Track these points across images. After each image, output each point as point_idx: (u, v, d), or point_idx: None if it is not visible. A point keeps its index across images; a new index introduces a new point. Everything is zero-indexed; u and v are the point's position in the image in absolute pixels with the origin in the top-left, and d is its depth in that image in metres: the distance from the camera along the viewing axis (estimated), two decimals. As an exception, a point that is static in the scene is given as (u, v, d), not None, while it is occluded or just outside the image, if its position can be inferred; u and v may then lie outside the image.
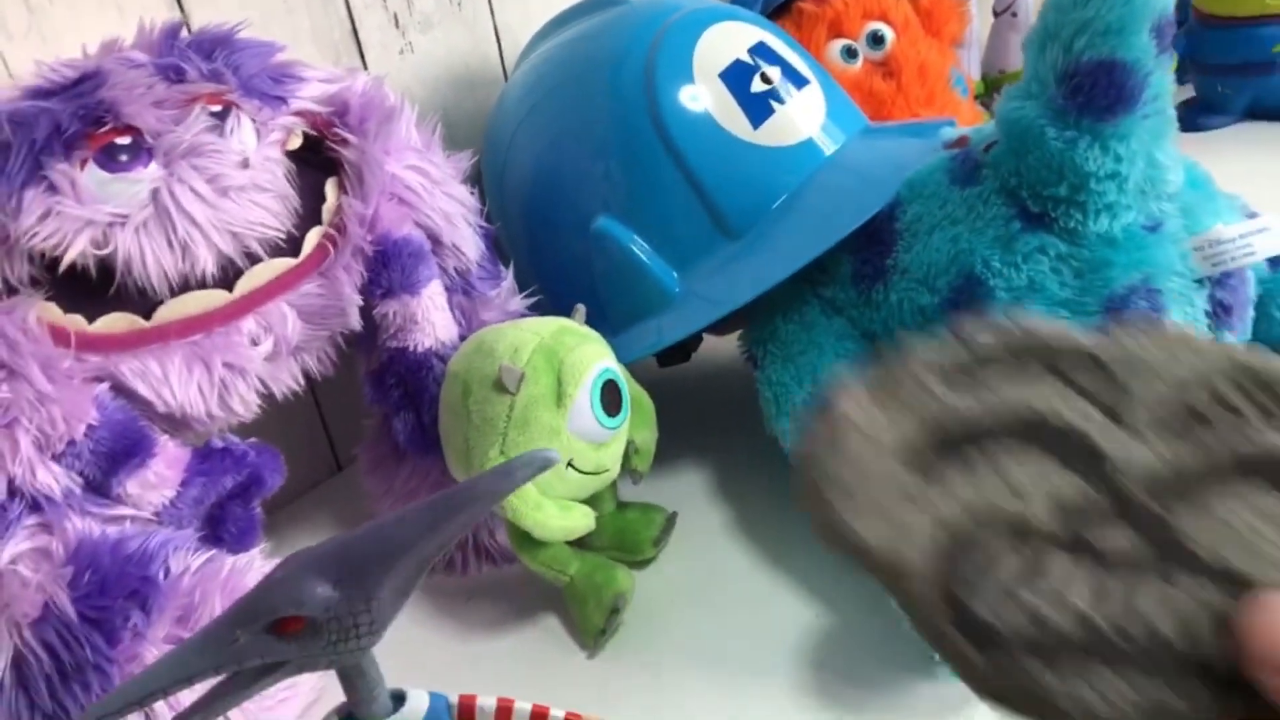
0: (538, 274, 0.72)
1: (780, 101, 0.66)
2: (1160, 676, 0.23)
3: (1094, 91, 0.49)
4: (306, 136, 0.58)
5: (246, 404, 0.56)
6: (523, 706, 0.41)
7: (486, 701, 0.41)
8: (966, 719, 0.48)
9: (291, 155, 0.57)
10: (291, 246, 0.56)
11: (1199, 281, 0.53)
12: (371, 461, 0.67)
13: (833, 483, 0.26)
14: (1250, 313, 0.56)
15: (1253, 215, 0.56)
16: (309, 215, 0.57)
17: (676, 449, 0.71)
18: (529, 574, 0.59)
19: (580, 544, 0.61)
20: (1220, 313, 0.54)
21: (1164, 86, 0.50)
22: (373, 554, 0.36)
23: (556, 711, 0.41)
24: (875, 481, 0.26)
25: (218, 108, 0.53)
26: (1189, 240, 0.53)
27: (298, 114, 0.57)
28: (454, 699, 0.41)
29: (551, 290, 0.71)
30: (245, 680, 0.37)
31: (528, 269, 0.73)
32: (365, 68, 0.74)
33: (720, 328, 0.72)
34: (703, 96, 0.65)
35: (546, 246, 0.71)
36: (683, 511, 0.65)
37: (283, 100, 0.56)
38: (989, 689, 0.24)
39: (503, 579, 0.64)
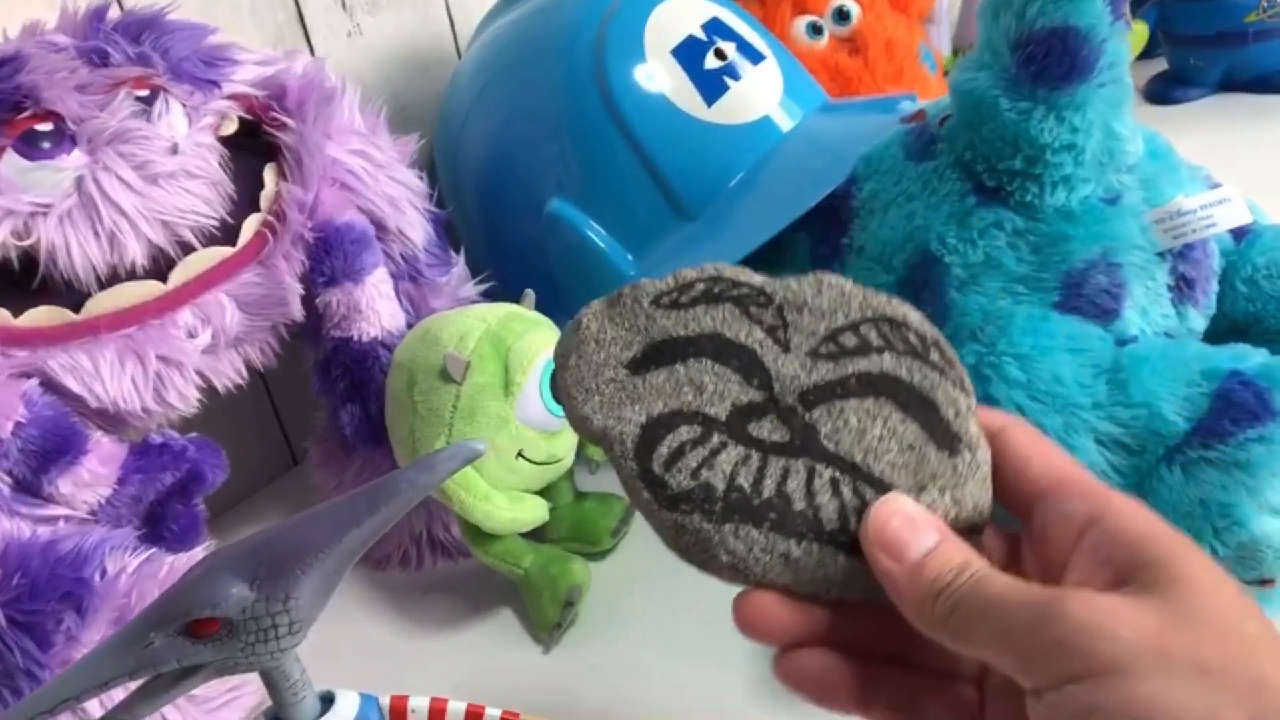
0: (493, 259, 0.71)
1: (735, 78, 0.64)
2: (800, 540, 0.31)
3: (1048, 60, 0.48)
4: (243, 121, 0.56)
5: (184, 398, 0.54)
6: (456, 706, 0.40)
7: (419, 702, 0.40)
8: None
9: (226, 141, 0.55)
10: (228, 235, 0.55)
11: (1160, 255, 0.52)
12: (322, 455, 0.66)
13: (573, 379, 0.35)
14: (1214, 286, 0.55)
15: (1216, 186, 0.55)
16: (246, 202, 0.56)
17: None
18: (484, 568, 0.57)
19: (537, 535, 0.60)
20: (1183, 286, 0.53)
21: (1120, 54, 0.49)
22: (291, 552, 0.35)
23: (493, 711, 0.40)
24: (603, 380, 0.34)
25: (145, 92, 0.51)
26: (1149, 213, 0.51)
27: (231, 98, 0.55)
28: (385, 700, 0.40)
29: (506, 276, 0.69)
30: (163, 685, 0.35)
31: (483, 254, 0.72)
32: (311, 51, 0.72)
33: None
34: (655, 74, 0.64)
35: (501, 231, 0.70)
36: (642, 500, 0.64)
37: (215, 84, 0.54)
38: (670, 539, 0.32)
39: (458, 573, 0.62)
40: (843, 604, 0.31)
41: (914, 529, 0.29)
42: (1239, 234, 0.56)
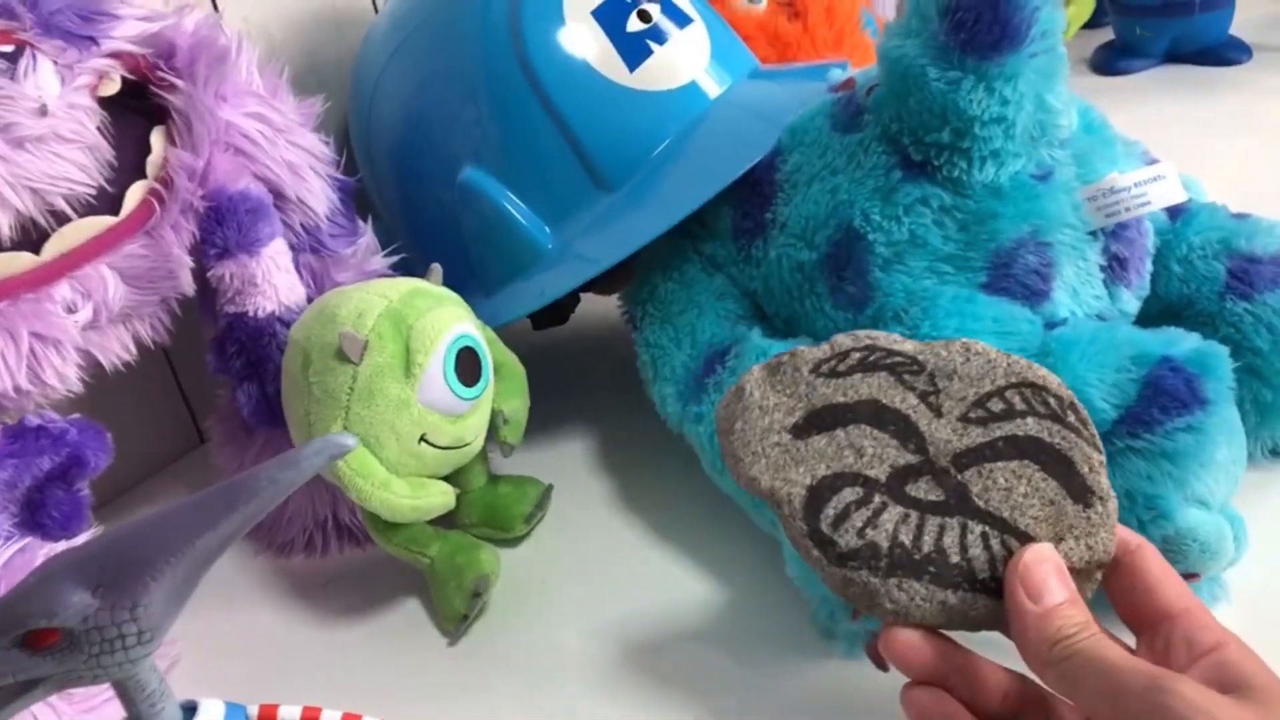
0: (407, 230, 0.68)
1: (660, 42, 0.61)
2: (957, 590, 0.35)
3: (977, 27, 0.45)
4: (126, 82, 0.52)
5: (63, 378, 0.51)
6: (331, 715, 0.37)
7: (290, 711, 0.37)
8: (854, 690, 0.45)
9: (108, 102, 0.51)
10: (109, 204, 0.51)
11: (1092, 234, 0.50)
12: (223, 434, 0.63)
13: (739, 442, 0.39)
14: (1148, 266, 0.53)
15: (1153, 162, 0.53)
16: (130, 168, 0.52)
17: (555, 417, 0.67)
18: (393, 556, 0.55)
19: (447, 521, 0.57)
20: (1116, 266, 0.51)
21: (1053, 22, 0.46)
22: (138, 556, 0.32)
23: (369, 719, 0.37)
24: (768, 444, 0.39)
25: (9, 48, 0.47)
26: (1082, 190, 0.49)
27: (112, 56, 0.51)
28: (254, 710, 0.37)
29: (422, 248, 0.66)
30: (2, 698, 0.32)
31: (398, 225, 0.68)
32: (215, 7, 0.68)
33: (603, 286, 0.68)
34: (574, 37, 0.60)
35: (415, 201, 0.66)
36: (561, 484, 0.61)
37: (92, 40, 0.50)
38: (837, 589, 0.36)
39: (365, 561, 0.60)
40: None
41: (1055, 578, 0.34)
42: (1174, 212, 0.55)
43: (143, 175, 0.52)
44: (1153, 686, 0.30)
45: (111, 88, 0.51)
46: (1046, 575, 0.34)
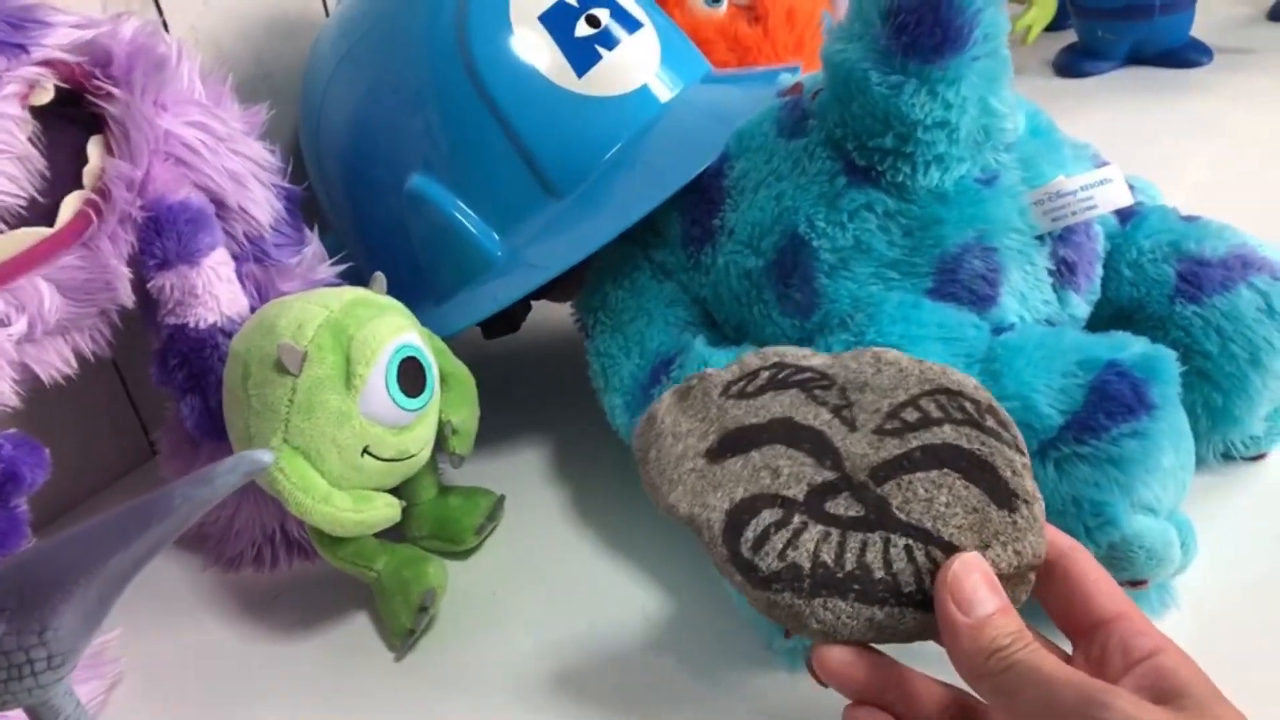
0: (358, 239, 0.67)
1: (608, 47, 0.61)
2: (883, 605, 0.34)
3: (919, 30, 0.45)
4: (61, 91, 0.51)
5: (-3, 392, 0.50)
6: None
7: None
8: (806, 701, 0.45)
9: (40, 111, 0.50)
10: (44, 215, 0.50)
11: (1040, 238, 0.49)
12: (170, 448, 0.62)
13: (655, 471, 0.39)
14: (1098, 270, 0.53)
15: (1103, 165, 0.53)
16: (66, 179, 0.51)
17: (507, 428, 0.66)
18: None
19: (398, 535, 0.57)
20: (1064, 271, 0.51)
21: (996, 25, 0.46)
22: (47, 578, 0.31)
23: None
24: (684, 470, 0.38)
25: (-66, 57, 0.46)
26: (1028, 194, 0.49)
27: (43, 64, 0.50)
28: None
29: (371, 257, 0.65)
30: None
31: (348, 234, 0.68)
32: (160, 15, 0.67)
33: (557, 294, 0.67)
34: (521, 42, 0.60)
35: (364, 209, 0.66)
36: (514, 495, 0.61)
37: (22, 48, 0.49)
38: (764, 611, 0.35)
39: (313, 574, 0.59)
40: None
41: (984, 588, 0.33)
42: (1124, 216, 0.54)
43: (79, 185, 0.51)
44: (1089, 701, 0.29)
45: (44, 96, 0.50)
46: (976, 586, 0.33)
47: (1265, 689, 0.41)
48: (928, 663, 0.37)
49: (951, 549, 0.34)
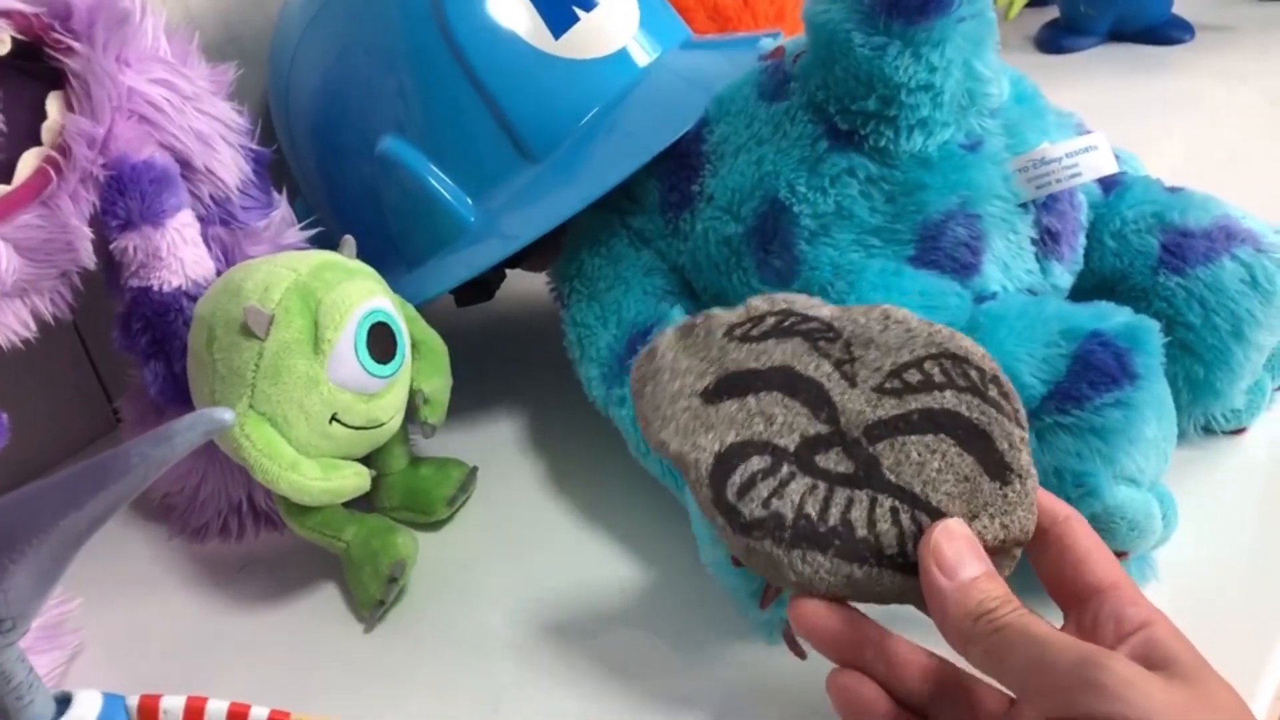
0: (329, 204, 0.65)
1: (586, 8, 0.59)
2: (862, 564, 0.34)
3: (904, -10, 0.44)
4: (18, 43, 0.50)
5: (-48, 355, 0.48)
6: (217, 706, 0.35)
7: (173, 702, 0.35)
8: (784, 670, 0.44)
9: (-3, 64, 0.49)
10: (1, 171, 0.48)
11: (1023, 206, 0.49)
12: (134, 415, 0.60)
13: (649, 405, 0.38)
14: (1081, 240, 0.52)
15: (1087, 134, 0.52)
16: (24, 135, 0.49)
17: (481, 397, 0.65)
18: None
19: (367, 505, 0.56)
20: (1048, 239, 0.50)
21: (982, -13, 0.45)
22: (-3, 539, 0.30)
23: (259, 710, 0.35)
24: (678, 407, 0.37)
25: (-116, 4, 0.45)
26: (1012, 160, 0.48)
27: (1, 15, 0.48)
28: (133, 700, 0.35)
29: (342, 222, 0.64)
30: None
31: (318, 199, 0.66)
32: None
33: (533, 262, 0.66)
34: (497, 3, 0.58)
35: (335, 173, 0.64)
36: (487, 465, 0.60)
37: (-23, -2, 0.48)
38: (742, 557, 0.35)
39: (283, 545, 0.57)
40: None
41: (968, 553, 0.33)
42: (1108, 185, 0.54)
43: (38, 142, 0.50)
44: (1084, 661, 0.29)
45: (1, 49, 0.49)
46: (960, 550, 0.33)
47: (1243, 662, 0.41)
48: (913, 632, 0.36)
49: (938, 515, 0.34)
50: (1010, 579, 0.34)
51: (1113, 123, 0.56)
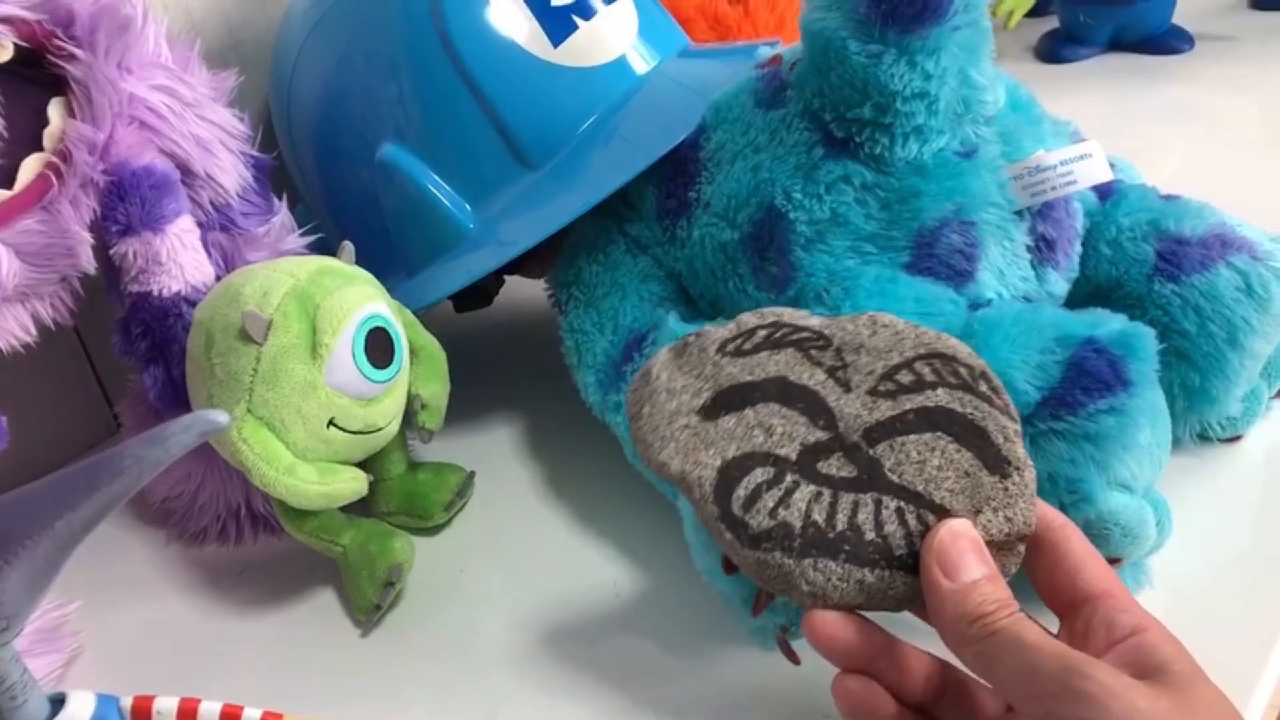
0: (329, 210, 0.66)
1: (585, 16, 0.60)
2: (874, 568, 0.34)
3: (899, -1, 0.44)
4: (21, 49, 0.50)
5: (-48, 359, 0.48)
6: (210, 707, 0.35)
7: (166, 703, 0.35)
8: (782, 675, 0.44)
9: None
10: (2, 177, 0.49)
11: (1019, 213, 0.49)
12: (134, 420, 0.60)
13: (648, 427, 0.38)
14: (1077, 248, 0.52)
15: (1083, 141, 0.52)
16: (25, 140, 0.50)
17: (479, 403, 0.66)
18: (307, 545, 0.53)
19: (365, 509, 0.56)
20: (1043, 247, 0.50)
21: (978, -5, 0.45)
22: (-9, 540, 0.30)
23: (252, 711, 0.36)
24: (676, 427, 0.38)
25: (-113, 11, 0.45)
26: (1007, 168, 0.48)
27: (2, 21, 0.49)
28: (127, 701, 0.35)
29: (342, 228, 0.64)
30: None
31: (319, 205, 0.66)
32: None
33: (531, 269, 0.66)
34: (496, 11, 0.59)
35: (335, 180, 0.64)
36: (484, 470, 0.60)
37: (-20, 4, 0.48)
38: (753, 572, 0.35)
39: (281, 550, 0.58)
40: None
41: (972, 554, 0.33)
42: (1104, 194, 0.54)
43: (39, 148, 0.50)
44: (1069, 670, 0.29)
45: (3, 55, 0.49)
46: (963, 551, 0.33)
47: (1236, 669, 0.41)
48: (918, 639, 0.36)
49: (943, 512, 0.34)
50: (1012, 583, 0.34)
51: (1113, 133, 0.57)
